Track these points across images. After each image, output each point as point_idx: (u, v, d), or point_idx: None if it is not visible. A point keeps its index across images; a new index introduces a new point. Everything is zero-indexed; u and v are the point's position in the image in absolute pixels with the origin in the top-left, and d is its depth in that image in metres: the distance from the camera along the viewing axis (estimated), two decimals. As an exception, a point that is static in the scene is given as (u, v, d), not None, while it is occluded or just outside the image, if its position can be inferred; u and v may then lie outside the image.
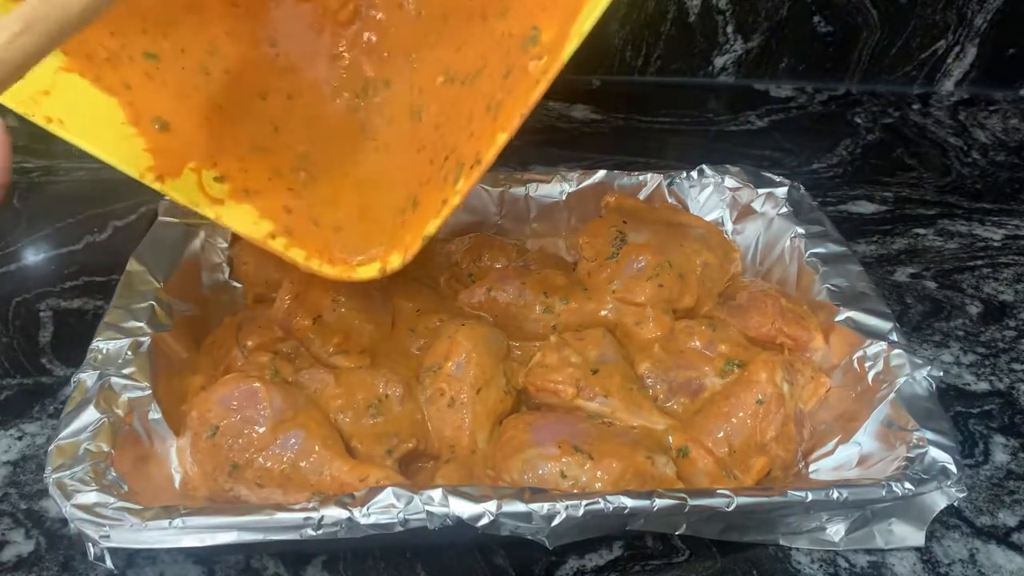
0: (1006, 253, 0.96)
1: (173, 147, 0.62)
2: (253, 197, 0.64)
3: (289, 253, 0.63)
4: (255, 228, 0.63)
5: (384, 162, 0.68)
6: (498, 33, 0.59)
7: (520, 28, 0.57)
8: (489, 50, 0.60)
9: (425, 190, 0.61)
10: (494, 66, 0.59)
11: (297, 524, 0.52)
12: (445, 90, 0.65)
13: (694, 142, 1.13)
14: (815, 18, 1.22)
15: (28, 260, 0.89)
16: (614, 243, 0.77)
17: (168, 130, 0.62)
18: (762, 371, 0.64)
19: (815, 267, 0.76)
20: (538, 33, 0.55)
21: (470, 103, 0.60)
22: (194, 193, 0.62)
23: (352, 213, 0.65)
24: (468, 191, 0.56)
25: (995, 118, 1.23)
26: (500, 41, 0.59)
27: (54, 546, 0.61)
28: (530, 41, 0.55)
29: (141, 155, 0.60)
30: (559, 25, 0.53)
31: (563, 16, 0.53)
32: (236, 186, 0.64)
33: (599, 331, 0.71)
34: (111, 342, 0.64)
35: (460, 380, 0.65)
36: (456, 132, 0.61)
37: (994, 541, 0.65)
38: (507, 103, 0.55)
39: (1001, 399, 0.77)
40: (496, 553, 0.62)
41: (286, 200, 0.65)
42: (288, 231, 0.64)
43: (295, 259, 0.63)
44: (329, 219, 0.65)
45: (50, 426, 0.70)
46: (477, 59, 0.61)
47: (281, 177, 0.66)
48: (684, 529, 0.57)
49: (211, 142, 0.64)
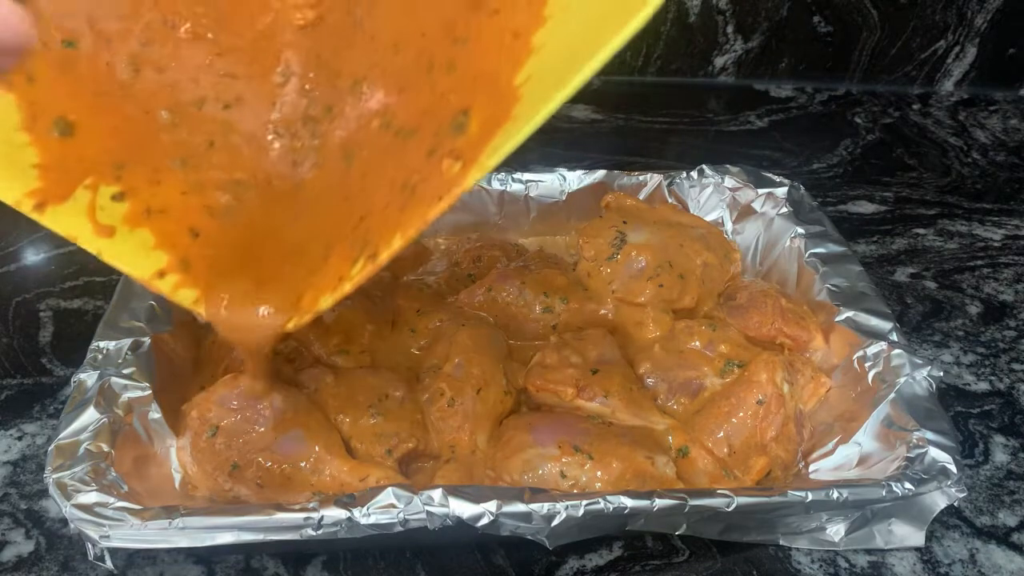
0: (1006, 253, 0.96)
1: (71, 157, 0.53)
2: (154, 219, 0.55)
3: (176, 295, 0.54)
4: (143, 263, 0.54)
5: (309, 207, 0.60)
6: (439, 91, 0.53)
7: (457, 99, 0.51)
8: (427, 110, 0.54)
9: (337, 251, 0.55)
10: (424, 134, 0.53)
11: (297, 524, 0.52)
12: (379, 136, 0.58)
13: (694, 142, 1.13)
14: (815, 18, 1.22)
15: (28, 260, 0.89)
16: (614, 243, 0.77)
17: (72, 134, 0.53)
18: (762, 371, 0.64)
19: (815, 267, 0.76)
20: (466, 120, 0.49)
21: (395, 164, 0.54)
22: (78, 219, 0.53)
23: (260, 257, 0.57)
24: (361, 282, 0.50)
25: (995, 118, 1.23)
26: (439, 103, 0.53)
27: (54, 546, 0.61)
28: (457, 127, 0.50)
29: (28, 173, 0.51)
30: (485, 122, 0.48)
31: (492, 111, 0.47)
32: (137, 207, 0.55)
33: (599, 331, 0.71)
34: (111, 342, 0.64)
35: (460, 380, 0.65)
36: (376, 192, 0.55)
37: (994, 541, 0.65)
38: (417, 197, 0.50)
39: (1001, 399, 0.77)
40: (496, 553, 0.62)
41: (195, 221, 0.56)
42: (184, 264, 0.55)
43: (181, 301, 0.54)
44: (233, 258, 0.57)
45: (50, 426, 0.70)
46: (416, 115, 0.55)
47: (200, 194, 0.57)
48: (684, 529, 0.57)
49: (122, 151, 0.55)
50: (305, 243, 0.57)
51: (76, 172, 0.53)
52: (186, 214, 0.56)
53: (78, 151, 0.53)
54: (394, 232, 0.49)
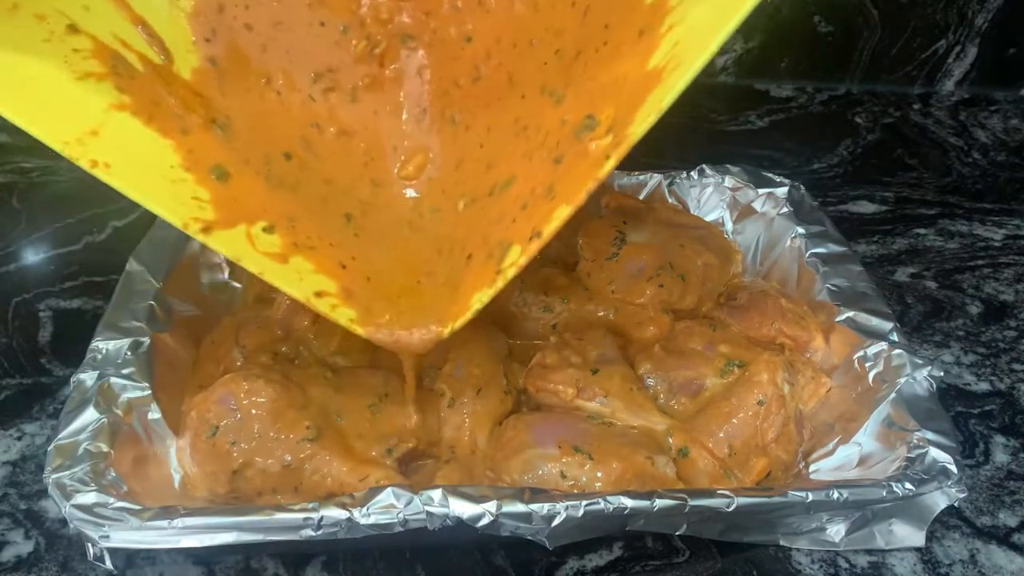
0: (1007, 253, 0.96)
1: (227, 198, 0.58)
2: (304, 251, 0.59)
3: (335, 314, 0.57)
4: (300, 285, 0.58)
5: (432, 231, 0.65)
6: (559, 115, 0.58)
7: (574, 116, 0.56)
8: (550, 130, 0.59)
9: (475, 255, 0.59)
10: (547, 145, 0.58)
11: (297, 524, 0.52)
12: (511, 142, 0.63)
13: (694, 142, 1.13)
14: (815, 18, 1.22)
15: (28, 260, 0.89)
16: (614, 243, 0.77)
17: (227, 180, 0.59)
18: (763, 372, 0.64)
19: (815, 267, 0.76)
20: (593, 121, 0.54)
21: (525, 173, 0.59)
22: (240, 243, 0.57)
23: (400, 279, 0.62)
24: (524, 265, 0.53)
25: (995, 118, 1.23)
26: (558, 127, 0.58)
27: (53, 546, 0.61)
28: (585, 128, 0.54)
29: (189, 203, 0.56)
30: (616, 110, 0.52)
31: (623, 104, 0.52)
32: (286, 240, 0.59)
33: (599, 331, 0.70)
34: (110, 342, 0.64)
35: (460, 380, 0.65)
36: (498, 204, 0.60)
37: (994, 541, 0.65)
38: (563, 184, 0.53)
39: (1002, 399, 0.77)
40: (496, 553, 0.62)
41: (340, 256, 0.61)
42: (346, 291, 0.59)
43: (338, 319, 0.58)
44: (382, 281, 0.61)
45: (49, 426, 0.70)
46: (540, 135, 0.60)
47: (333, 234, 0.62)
48: (684, 529, 0.57)
49: (267, 197, 0.61)
50: (442, 254, 0.62)
51: (234, 210, 0.58)
52: (331, 253, 0.61)
53: (232, 193, 0.58)
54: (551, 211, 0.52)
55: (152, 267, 0.71)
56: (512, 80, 0.63)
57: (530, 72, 0.62)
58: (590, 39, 0.58)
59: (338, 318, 0.58)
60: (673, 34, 0.51)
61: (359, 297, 0.59)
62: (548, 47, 0.61)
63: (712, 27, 0.47)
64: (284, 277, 0.57)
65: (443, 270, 0.61)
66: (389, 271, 0.62)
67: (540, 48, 0.62)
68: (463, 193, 0.64)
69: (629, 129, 0.49)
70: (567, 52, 0.60)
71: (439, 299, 0.59)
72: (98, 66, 0.57)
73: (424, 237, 0.64)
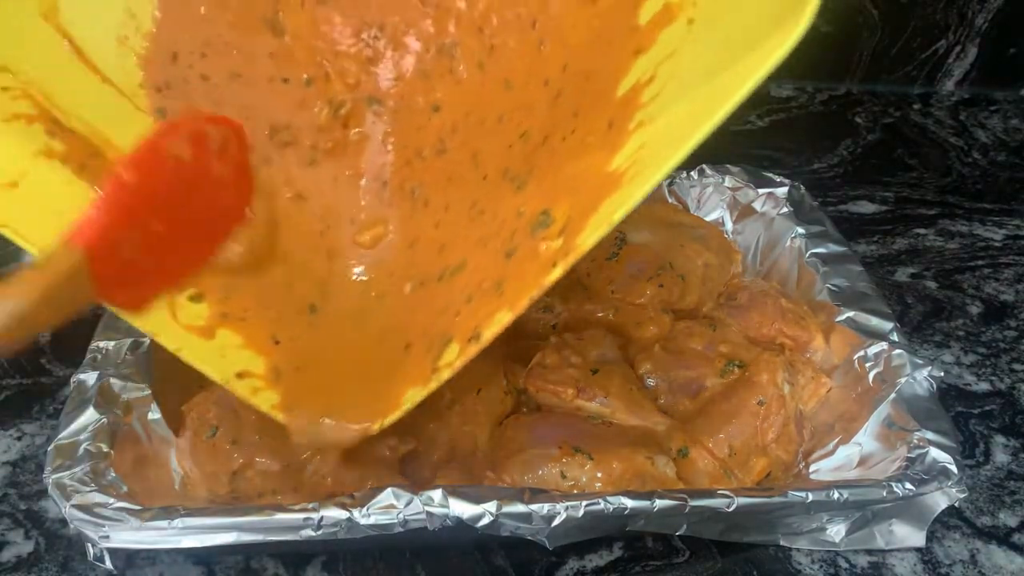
0: (1007, 253, 0.96)
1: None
2: (233, 323, 0.56)
3: (255, 398, 0.55)
4: (221, 364, 0.54)
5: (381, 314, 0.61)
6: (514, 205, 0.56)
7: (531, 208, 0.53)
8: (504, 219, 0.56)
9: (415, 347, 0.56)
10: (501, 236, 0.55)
11: (297, 525, 0.52)
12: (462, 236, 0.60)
13: (694, 142, 1.13)
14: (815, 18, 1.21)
15: (28, 260, 0.88)
16: (614, 243, 0.77)
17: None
18: (763, 372, 0.64)
19: (815, 267, 0.76)
20: (548, 218, 0.51)
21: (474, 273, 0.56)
22: (160, 317, 0.53)
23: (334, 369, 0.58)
24: (460, 367, 0.52)
25: (996, 118, 1.23)
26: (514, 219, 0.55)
27: (53, 546, 0.61)
28: (540, 225, 0.51)
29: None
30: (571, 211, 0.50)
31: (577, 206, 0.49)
32: (215, 310, 0.55)
33: (599, 331, 0.70)
34: (110, 342, 0.64)
35: (460, 381, 0.64)
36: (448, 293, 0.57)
37: (995, 541, 0.65)
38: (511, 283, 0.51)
39: (1002, 399, 0.77)
40: (496, 554, 0.62)
41: (274, 331, 0.57)
42: (275, 372, 0.55)
43: (259, 405, 0.55)
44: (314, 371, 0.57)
45: (49, 426, 0.70)
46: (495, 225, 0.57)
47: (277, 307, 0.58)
48: (684, 530, 0.57)
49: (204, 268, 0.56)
50: (382, 343, 0.58)
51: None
52: (264, 326, 0.57)
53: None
54: (493, 312, 0.50)
55: (152, 267, 0.71)
56: (476, 159, 0.61)
57: (495, 152, 0.60)
58: (558, 125, 0.56)
59: (259, 404, 0.55)
60: (641, 134, 0.49)
61: (287, 381, 0.56)
62: (515, 128, 0.59)
63: (678, 137, 0.44)
64: (203, 355, 0.54)
65: (379, 362, 0.57)
66: (325, 361, 0.58)
67: (507, 128, 0.59)
68: (411, 276, 0.61)
69: (578, 239, 0.47)
70: (534, 136, 0.58)
71: (371, 394, 0.56)
72: (29, 107, 0.53)
73: (366, 328, 0.60)
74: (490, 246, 0.56)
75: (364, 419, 0.54)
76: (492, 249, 0.55)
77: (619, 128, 0.50)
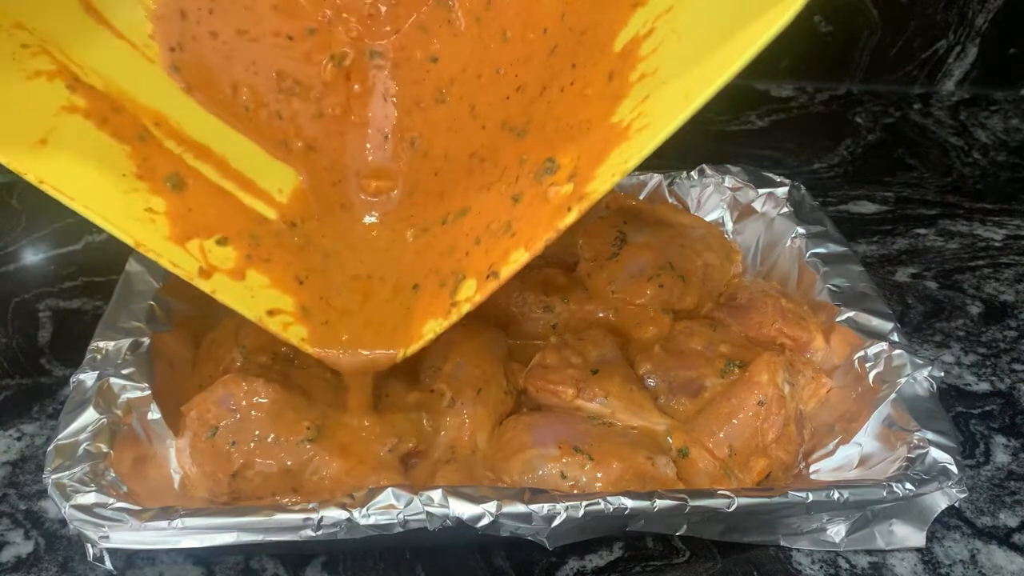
0: (1007, 253, 0.96)
1: (183, 209, 0.56)
2: (259, 264, 0.58)
3: (286, 333, 0.57)
4: (252, 303, 0.57)
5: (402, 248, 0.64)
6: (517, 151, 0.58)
7: (534, 156, 0.55)
8: (507, 165, 0.58)
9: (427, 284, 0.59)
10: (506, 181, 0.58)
11: (296, 525, 0.52)
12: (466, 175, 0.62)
13: (694, 142, 1.12)
14: (815, 18, 1.22)
15: (27, 260, 0.89)
16: (614, 243, 0.77)
17: (183, 189, 0.57)
18: (764, 372, 0.64)
19: (816, 267, 0.76)
20: (554, 165, 0.53)
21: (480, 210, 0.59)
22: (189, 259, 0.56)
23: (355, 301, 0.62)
24: (480, 301, 0.53)
25: (996, 118, 1.23)
26: (516, 164, 0.57)
27: (53, 547, 0.61)
28: (546, 171, 0.53)
29: (142, 216, 0.54)
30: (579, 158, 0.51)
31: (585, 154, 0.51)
32: (240, 252, 0.58)
33: (599, 331, 0.70)
34: (110, 342, 0.64)
35: (460, 380, 0.65)
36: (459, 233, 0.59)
37: (995, 542, 0.65)
38: (522, 224, 0.53)
39: (1002, 399, 0.77)
40: (496, 554, 0.62)
41: (297, 271, 0.60)
42: (302, 309, 0.58)
43: (290, 339, 0.57)
44: (337, 302, 0.61)
45: (49, 426, 0.70)
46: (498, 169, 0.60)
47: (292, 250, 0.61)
48: (684, 530, 0.57)
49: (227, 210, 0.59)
50: (391, 286, 0.61)
51: (189, 224, 0.56)
52: (287, 268, 0.60)
53: (187, 205, 0.57)
54: (508, 251, 0.52)
55: (152, 267, 0.71)
56: (474, 111, 0.63)
57: (492, 103, 0.62)
58: (556, 77, 0.57)
59: (290, 337, 0.57)
60: (644, 85, 0.50)
61: (314, 315, 0.58)
62: (513, 81, 0.61)
63: (688, 90, 0.45)
64: (237, 295, 0.56)
65: (394, 302, 0.60)
66: (346, 292, 0.61)
67: (505, 80, 0.61)
68: (414, 223, 0.64)
69: (590, 186, 0.49)
70: (531, 88, 0.59)
71: (392, 324, 0.58)
72: (48, 63, 0.54)
73: (377, 272, 0.63)
74: (494, 190, 0.58)
75: (389, 347, 0.57)
76: (497, 193, 0.57)
77: (621, 79, 0.51)
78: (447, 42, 0.64)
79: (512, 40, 0.61)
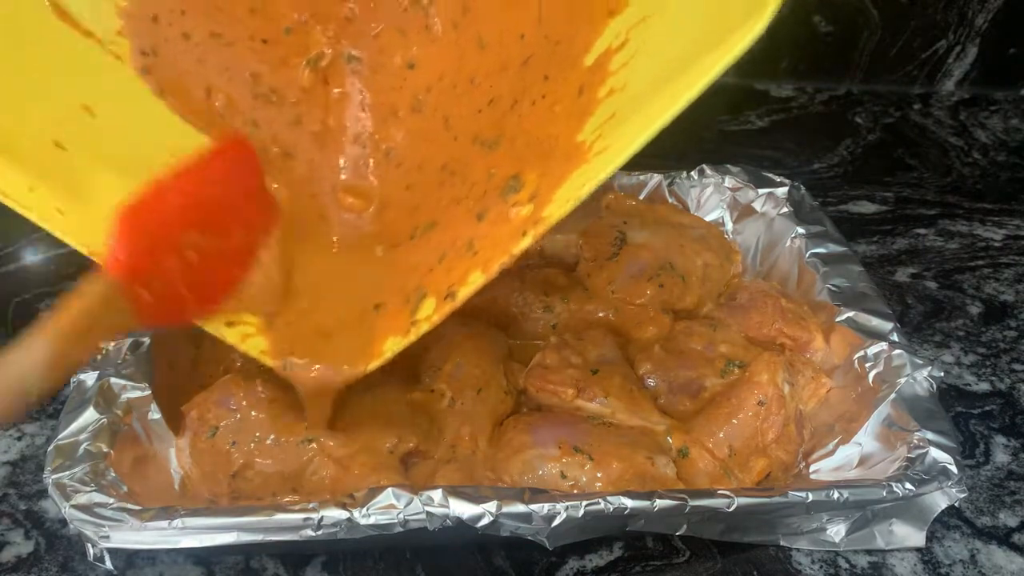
0: (1007, 253, 0.96)
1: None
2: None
3: (244, 345, 0.56)
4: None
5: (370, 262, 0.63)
6: (486, 166, 0.57)
7: (502, 171, 0.55)
8: (475, 181, 0.58)
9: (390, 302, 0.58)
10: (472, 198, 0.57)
11: (296, 525, 0.52)
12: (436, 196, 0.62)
13: (694, 142, 1.13)
14: (815, 18, 1.22)
15: (28, 260, 0.89)
16: (614, 243, 0.77)
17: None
18: (763, 372, 0.64)
19: (816, 267, 0.76)
20: (518, 183, 0.52)
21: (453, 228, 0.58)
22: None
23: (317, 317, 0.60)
24: (438, 322, 0.53)
25: (996, 118, 1.23)
26: (486, 179, 0.57)
27: (53, 547, 0.61)
28: (510, 189, 0.53)
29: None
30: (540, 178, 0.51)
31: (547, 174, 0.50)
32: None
33: (599, 331, 0.70)
34: (110, 342, 0.64)
35: (460, 381, 0.65)
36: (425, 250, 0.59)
37: (995, 542, 0.65)
38: (482, 243, 0.52)
39: (1002, 399, 0.77)
40: (496, 554, 0.62)
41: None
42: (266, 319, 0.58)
43: (249, 351, 0.56)
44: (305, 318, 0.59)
45: (49, 426, 0.70)
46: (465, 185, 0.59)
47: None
48: (684, 530, 0.57)
49: None
50: (355, 303, 0.59)
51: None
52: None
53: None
54: (467, 272, 0.51)
55: (152, 267, 0.71)
56: (448, 123, 0.62)
57: (464, 116, 0.61)
58: (528, 90, 0.57)
59: (248, 349, 0.56)
60: (611, 102, 0.49)
61: (277, 327, 0.57)
62: (486, 93, 0.60)
63: (647, 114, 0.44)
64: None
65: (356, 320, 0.59)
66: (309, 315, 0.59)
67: (478, 92, 0.61)
68: (383, 239, 0.63)
69: (547, 210, 0.48)
70: (503, 101, 0.59)
71: (354, 344, 0.57)
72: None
73: (341, 289, 0.62)
74: (462, 206, 0.57)
75: (351, 363, 0.56)
76: (464, 209, 0.56)
77: (590, 94, 0.51)
78: (425, 47, 0.64)
79: (488, 47, 0.61)
